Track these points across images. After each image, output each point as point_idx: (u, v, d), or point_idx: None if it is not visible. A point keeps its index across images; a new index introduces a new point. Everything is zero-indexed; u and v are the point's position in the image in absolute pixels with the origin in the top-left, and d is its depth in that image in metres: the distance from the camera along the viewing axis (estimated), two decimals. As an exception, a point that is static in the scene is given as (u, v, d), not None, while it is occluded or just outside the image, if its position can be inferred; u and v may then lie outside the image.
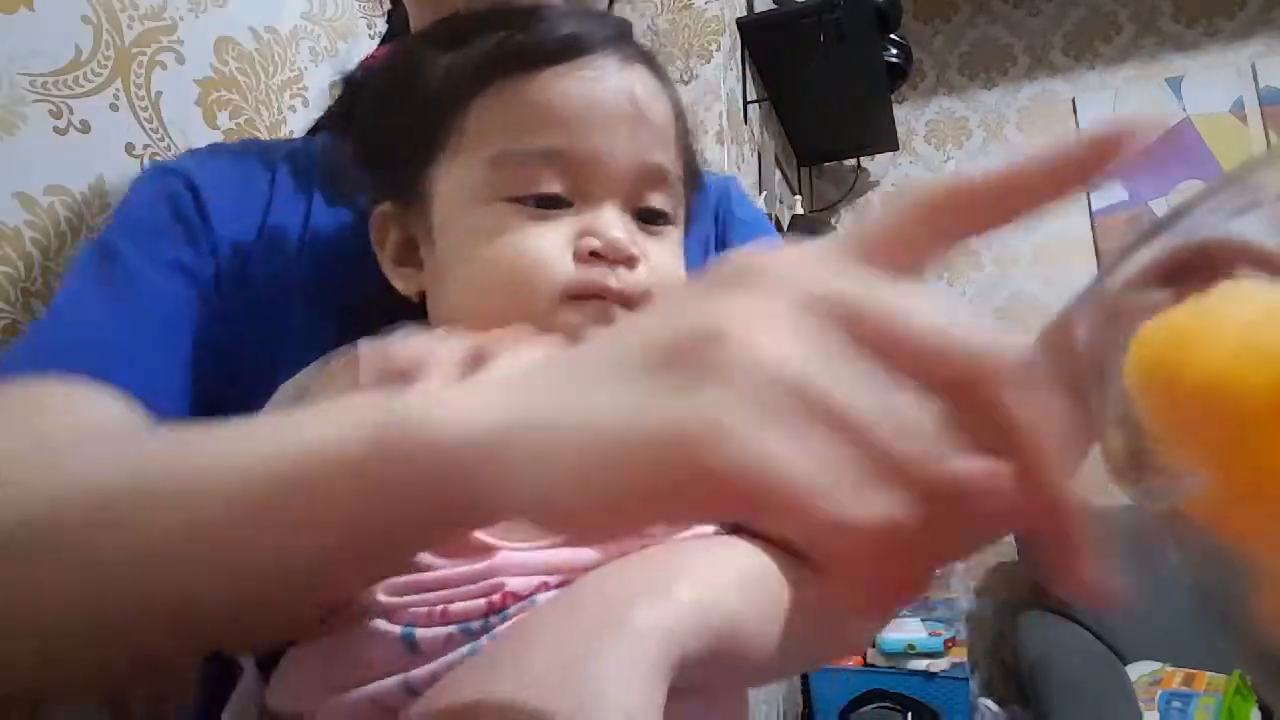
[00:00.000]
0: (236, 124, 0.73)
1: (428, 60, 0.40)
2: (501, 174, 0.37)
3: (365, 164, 0.42)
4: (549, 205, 0.38)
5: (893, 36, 2.20)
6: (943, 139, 2.52)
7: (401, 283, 0.41)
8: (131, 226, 0.43)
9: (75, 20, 0.63)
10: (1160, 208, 2.31)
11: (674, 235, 0.41)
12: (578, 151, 0.37)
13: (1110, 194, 2.36)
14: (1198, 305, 0.17)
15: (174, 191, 0.44)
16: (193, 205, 0.43)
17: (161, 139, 0.67)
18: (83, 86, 0.63)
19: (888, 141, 2.41)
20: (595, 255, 0.37)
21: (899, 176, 2.56)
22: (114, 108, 0.64)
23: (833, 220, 2.51)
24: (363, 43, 0.81)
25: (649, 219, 0.40)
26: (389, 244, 0.42)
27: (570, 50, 0.38)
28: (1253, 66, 2.25)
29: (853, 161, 2.56)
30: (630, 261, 0.37)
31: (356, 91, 0.44)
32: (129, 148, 0.65)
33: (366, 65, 0.45)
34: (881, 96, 2.13)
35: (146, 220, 0.43)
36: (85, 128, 0.63)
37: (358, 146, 0.42)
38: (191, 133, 0.69)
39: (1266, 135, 2.27)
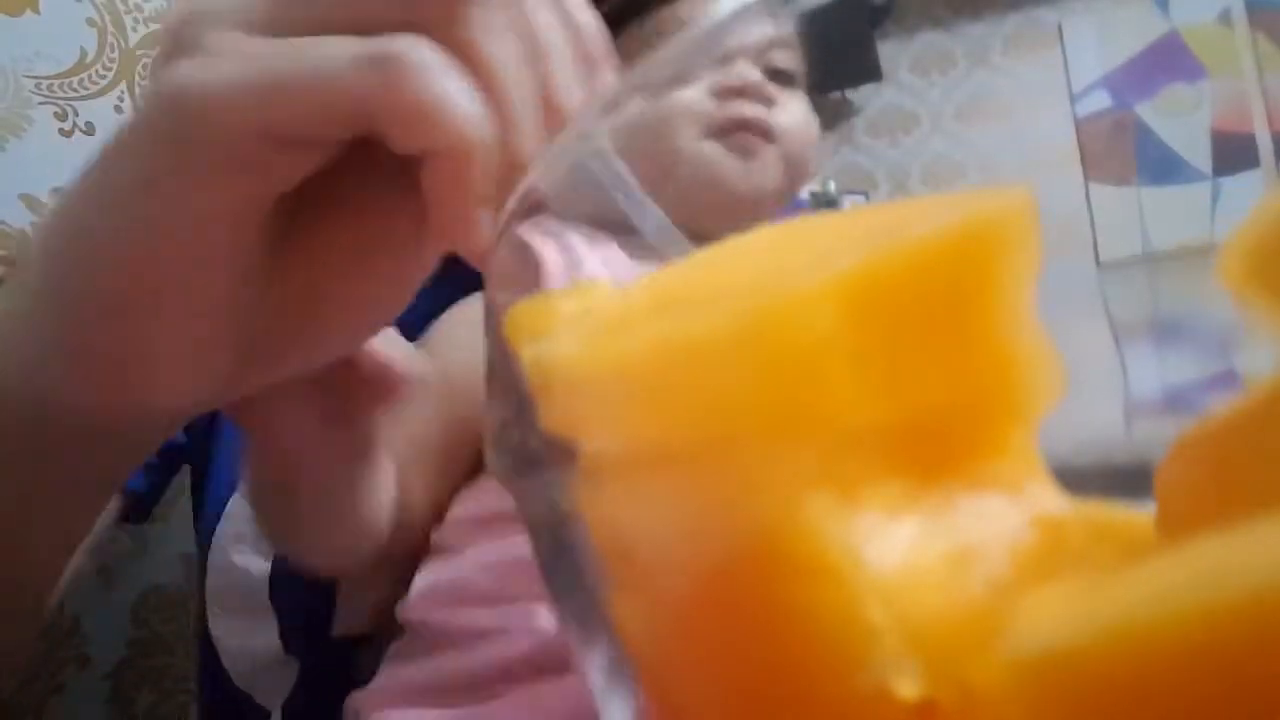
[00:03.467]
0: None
1: None
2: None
3: None
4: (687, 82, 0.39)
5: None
6: (927, 69, 2.51)
7: None
8: None
9: (80, 23, 0.64)
10: (1145, 111, 2.31)
11: (801, 95, 0.43)
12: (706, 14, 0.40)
13: (1095, 101, 2.35)
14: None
15: None
16: None
17: (167, 138, 0.68)
18: (88, 89, 0.64)
19: (872, 74, 2.39)
20: (736, 91, 0.39)
21: (883, 103, 2.55)
22: (119, 109, 0.66)
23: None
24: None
25: (779, 79, 0.42)
26: None
27: None
28: (1240, -26, 2.23)
29: (836, 94, 2.54)
30: (767, 100, 0.39)
31: None
32: (135, 148, 0.66)
33: None
34: (865, 32, 2.11)
35: None
36: (91, 130, 0.64)
37: None
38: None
39: (1254, 42, 2.26)
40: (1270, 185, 2.22)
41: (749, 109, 0.39)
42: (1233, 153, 2.34)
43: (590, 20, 0.24)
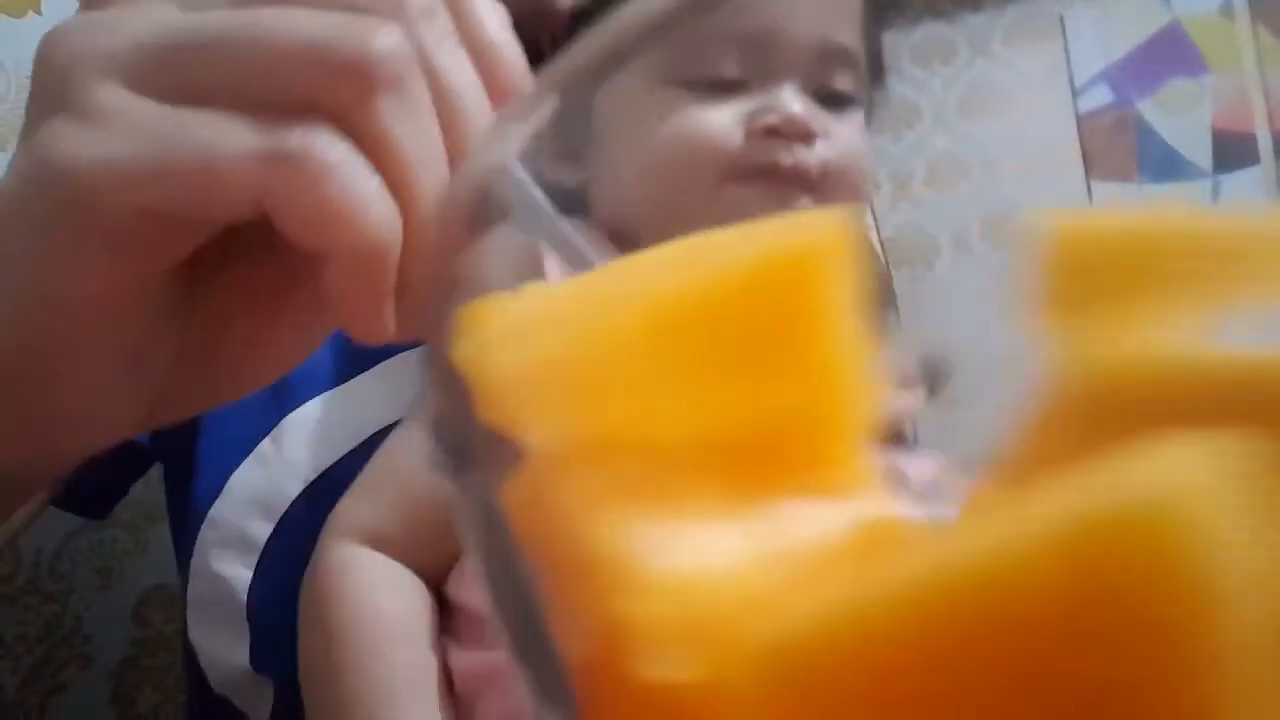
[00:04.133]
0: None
1: None
2: (675, 54, 0.35)
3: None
4: (724, 90, 0.35)
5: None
6: (928, 60, 2.50)
7: (563, 175, 0.40)
8: None
9: (78, 25, 0.63)
10: (1147, 109, 2.30)
11: (858, 117, 0.39)
12: (756, 26, 0.35)
13: (1096, 96, 2.35)
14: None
15: None
16: None
17: (168, 139, 0.67)
18: (87, 90, 0.63)
19: (873, 68, 2.39)
20: (771, 132, 0.34)
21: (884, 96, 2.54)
22: (119, 110, 0.65)
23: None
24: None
25: (832, 103, 0.37)
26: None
27: None
28: (1242, -35, 2.22)
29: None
30: (808, 138, 0.35)
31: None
32: (136, 148, 0.65)
33: None
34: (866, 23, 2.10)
35: None
36: (92, 130, 0.63)
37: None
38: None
39: (1255, 33, 2.25)
40: (1270, 181, 2.22)
41: (785, 155, 0.33)
42: (1233, 150, 2.34)
43: (506, 41, 0.21)
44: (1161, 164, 2.33)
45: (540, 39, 0.44)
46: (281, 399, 0.49)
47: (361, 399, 0.50)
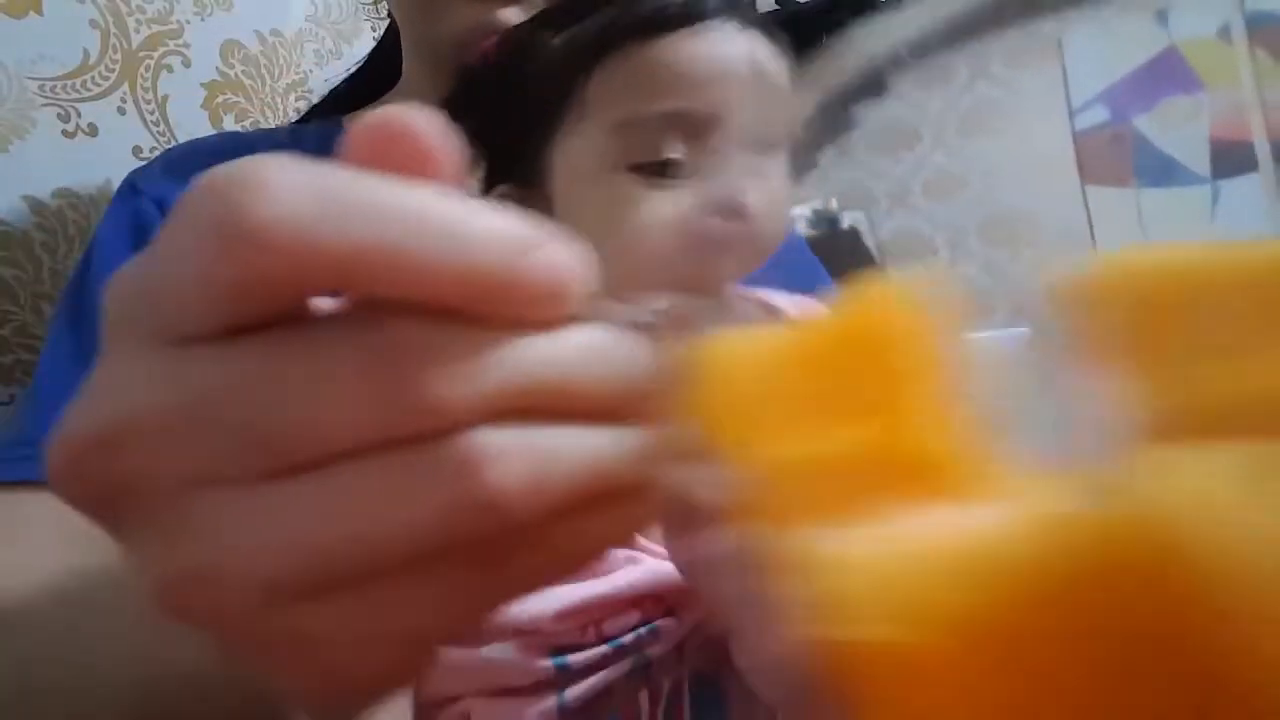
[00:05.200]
0: (242, 127, 0.74)
1: (543, 39, 0.41)
2: (624, 140, 0.38)
3: (481, 147, 0.42)
4: (671, 173, 0.38)
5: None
6: (929, 80, 2.52)
7: None
8: (99, 270, 0.44)
9: (83, 24, 0.64)
10: (1144, 125, 2.31)
11: (780, 159, 0.42)
12: (702, 112, 0.38)
13: (1093, 115, 2.36)
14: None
15: (141, 219, 0.44)
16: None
17: (169, 142, 0.68)
18: (90, 90, 0.64)
19: (873, 89, 2.40)
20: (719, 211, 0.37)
21: (885, 116, 2.56)
22: (121, 111, 0.65)
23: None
24: (366, 45, 0.81)
25: (762, 150, 0.40)
26: None
27: (691, 16, 0.38)
28: (1239, -10, 2.23)
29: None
30: (746, 214, 0.38)
31: (471, 80, 0.45)
32: (136, 150, 0.66)
33: (482, 52, 0.46)
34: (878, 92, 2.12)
35: (112, 260, 0.43)
36: (93, 131, 0.64)
37: (473, 131, 0.43)
38: (198, 136, 0.70)
39: (1253, 57, 2.27)
40: (1270, 186, 2.21)
41: (733, 227, 0.36)
42: (1231, 157, 2.33)
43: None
44: (1159, 170, 2.33)
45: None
46: None
47: None
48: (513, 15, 0.48)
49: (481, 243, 0.15)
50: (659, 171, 0.38)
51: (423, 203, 0.15)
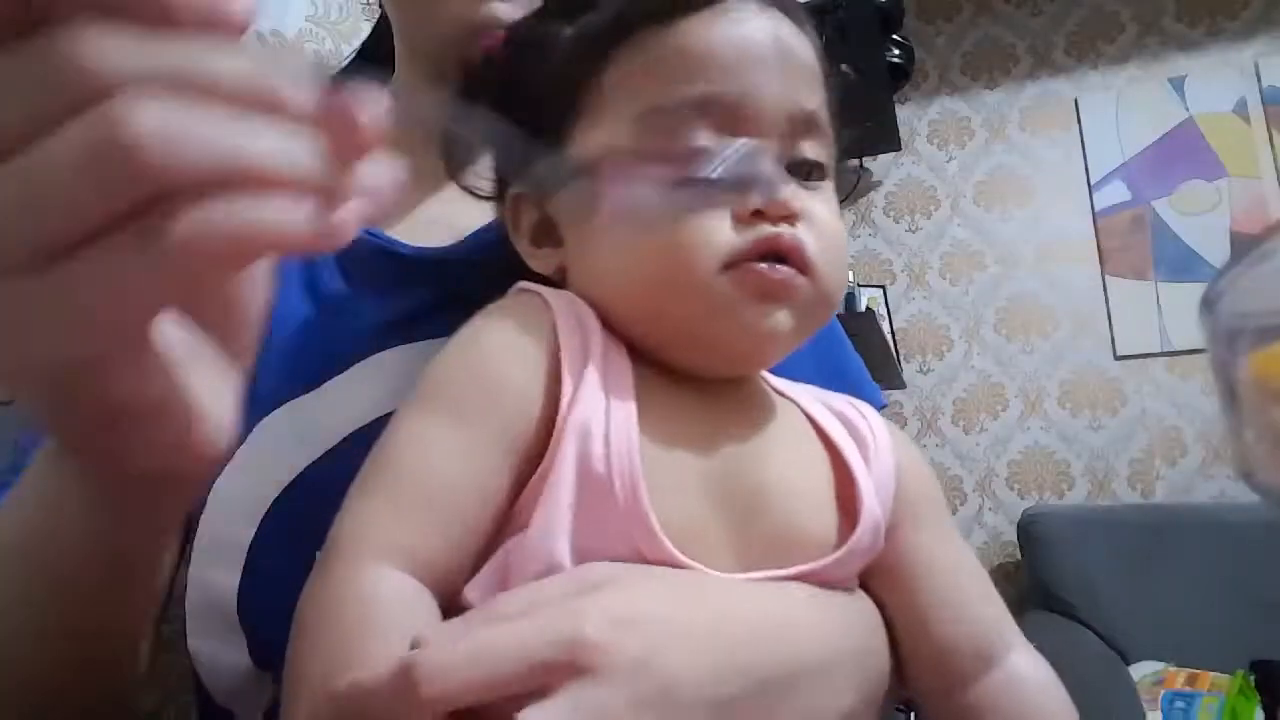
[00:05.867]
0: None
1: (552, 31, 0.40)
2: (650, 131, 0.36)
3: (494, 147, 0.41)
4: (701, 166, 0.36)
5: (895, 37, 2.20)
6: (945, 139, 2.52)
7: (539, 263, 0.40)
8: None
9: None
10: (1162, 208, 2.31)
11: (828, 189, 0.40)
12: (729, 96, 0.36)
13: (1113, 194, 2.35)
14: None
15: None
16: None
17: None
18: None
19: (890, 141, 2.41)
20: (756, 213, 0.35)
21: (902, 176, 2.56)
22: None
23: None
24: (367, 45, 0.83)
25: (804, 173, 0.38)
26: (524, 226, 0.41)
27: None
28: (1256, 66, 2.24)
29: (855, 161, 2.56)
30: (792, 219, 0.36)
31: (476, 80, 0.44)
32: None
33: (485, 50, 0.45)
34: (884, 97, 2.14)
35: None
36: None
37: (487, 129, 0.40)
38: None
39: (1270, 135, 2.27)
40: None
41: (778, 237, 0.34)
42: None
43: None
44: (1178, 263, 2.30)
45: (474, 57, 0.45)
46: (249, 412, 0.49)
47: (333, 401, 0.49)
48: (507, 9, 0.47)
49: None
50: (688, 161, 0.35)
51: None
